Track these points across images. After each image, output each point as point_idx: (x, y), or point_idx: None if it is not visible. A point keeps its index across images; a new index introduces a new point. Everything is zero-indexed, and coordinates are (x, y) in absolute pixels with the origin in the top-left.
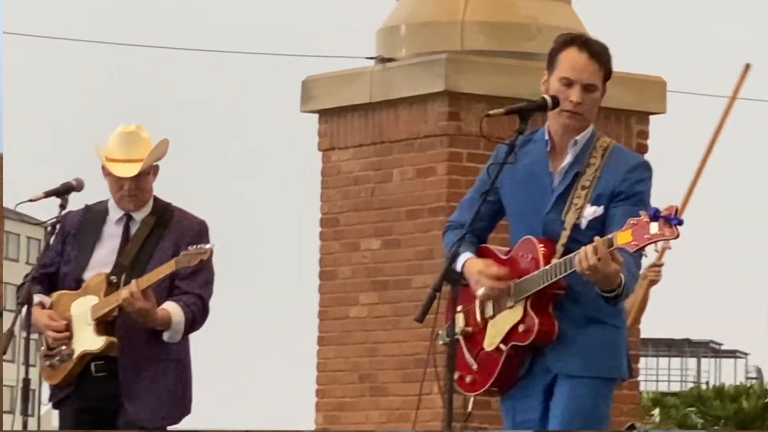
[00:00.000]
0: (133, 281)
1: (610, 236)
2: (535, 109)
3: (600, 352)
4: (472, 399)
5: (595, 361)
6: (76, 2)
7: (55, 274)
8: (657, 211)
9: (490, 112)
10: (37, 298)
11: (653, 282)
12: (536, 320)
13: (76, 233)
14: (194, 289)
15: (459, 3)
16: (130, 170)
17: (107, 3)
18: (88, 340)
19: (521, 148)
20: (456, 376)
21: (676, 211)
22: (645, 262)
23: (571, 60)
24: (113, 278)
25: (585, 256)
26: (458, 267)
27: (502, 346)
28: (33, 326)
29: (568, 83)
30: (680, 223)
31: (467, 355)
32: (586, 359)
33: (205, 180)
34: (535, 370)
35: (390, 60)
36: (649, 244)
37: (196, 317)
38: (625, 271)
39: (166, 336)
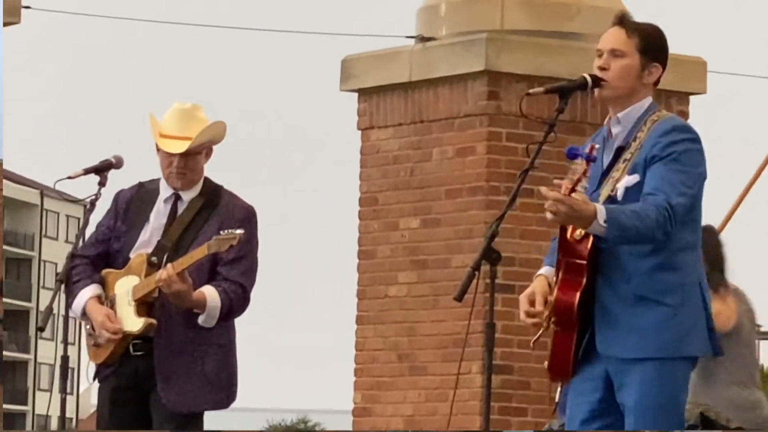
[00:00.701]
0: (170, 264)
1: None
2: (575, 88)
3: (651, 331)
4: (559, 388)
5: (647, 341)
6: None
7: (107, 252)
8: (572, 149)
9: (530, 91)
10: (89, 291)
11: None
12: (556, 290)
13: (126, 210)
14: (235, 276)
15: None
16: (179, 147)
17: None
18: (128, 321)
19: (594, 140)
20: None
21: (591, 148)
22: None
23: (606, 33)
24: (154, 259)
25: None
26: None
27: (551, 325)
28: (86, 318)
29: (599, 54)
30: (589, 158)
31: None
32: (636, 339)
33: (244, 159)
34: (590, 355)
35: (430, 39)
36: (574, 185)
37: (234, 304)
38: (618, 207)
39: (200, 319)
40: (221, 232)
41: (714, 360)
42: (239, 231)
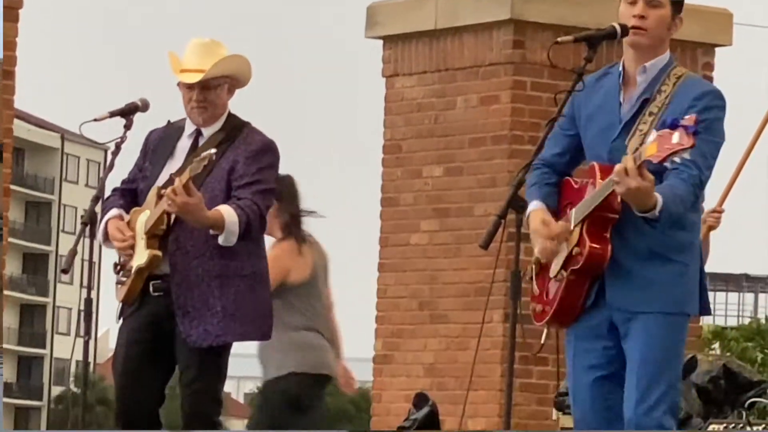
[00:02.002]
0: (176, 179)
1: (640, 149)
2: (604, 36)
3: (661, 287)
4: (545, 331)
5: (658, 296)
6: None
7: (135, 190)
8: (676, 119)
9: (559, 39)
10: (115, 212)
11: (712, 227)
12: (588, 243)
13: (154, 150)
14: (248, 195)
15: None
16: (195, 77)
17: None
18: (138, 255)
19: (597, 83)
20: (531, 306)
21: (695, 120)
22: (705, 206)
23: None
24: (164, 191)
25: (616, 170)
26: (525, 215)
27: (563, 272)
28: (108, 241)
29: (633, 1)
30: (696, 132)
31: (535, 285)
32: (645, 294)
33: (265, 104)
34: (600, 303)
35: None
36: (670, 154)
37: (251, 220)
38: (669, 195)
39: (221, 239)
40: (203, 153)
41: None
42: (213, 150)
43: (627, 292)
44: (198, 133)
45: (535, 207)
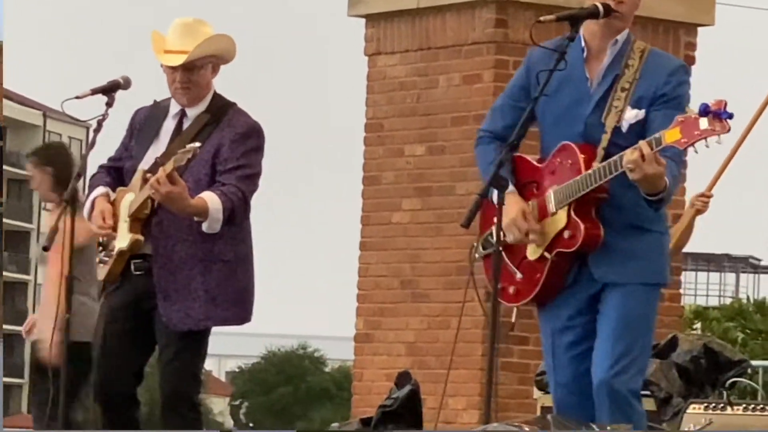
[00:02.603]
0: (160, 168)
1: (657, 135)
2: (587, 16)
3: (644, 258)
4: (515, 310)
5: (640, 268)
6: None
7: (121, 168)
8: (706, 106)
9: (542, 18)
10: (101, 189)
11: (700, 212)
12: (582, 225)
13: (140, 128)
14: (232, 180)
15: None
16: (178, 60)
17: None
18: (121, 238)
19: (551, 55)
20: (500, 286)
21: (725, 105)
22: (695, 190)
23: None
24: (149, 175)
25: (630, 158)
26: (495, 198)
27: (547, 254)
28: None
29: None
30: (730, 116)
31: (510, 265)
32: (630, 266)
33: (249, 83)
34: (581, 279)
35: None
36: (699, 139)
37: (235, 206)
38: (668, 175)
39: (204, 226)
40: (187, 146)
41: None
42: (196, 144)
43: (612, 265)
44: (183, 114)
45: (511, 190)
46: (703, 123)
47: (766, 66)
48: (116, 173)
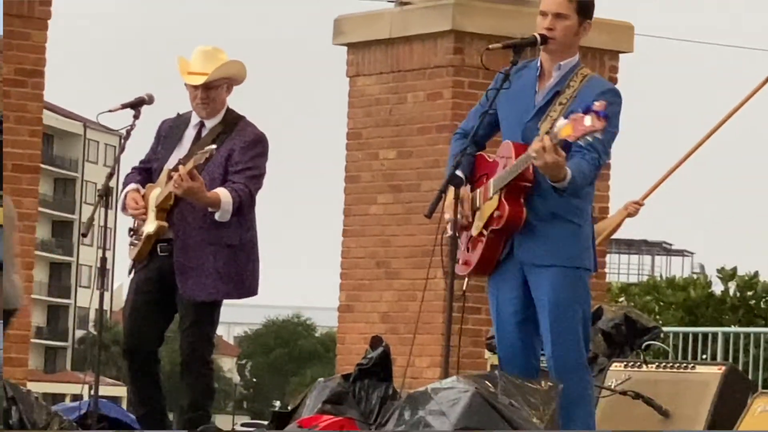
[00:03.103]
0: (181, 166)
1: (555, 129)
2: (527, 44)
3: (561, 244)
4: (466, 280)
5: (554, 251)
6: None
7: (150, 169)
8: (590, 105)
9: (490, 46)
10: (133, 185)
11: (631, 215)
12: (507, 207)
13: (165, 136)
14: (241, 179)
15: None
16: (199, 80)
17: None
18: (149, 224)
19: (517, 74)
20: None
21: (605, 106)
22: (628, 197)
23: None
24: (173, 173)
25: (534, 147)
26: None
27: (484, 231)
28: (126, 207)
29: (544, 14)
30: (606, 116)
31: (462, 243)
32: (548, 249)
33: (252, 99)
34: (512, 257)
35: (407, 3)
36: (584, 134)
37: (243, 201)
38: (576, 170)
39: (217, 215)
40: (205, 147)
41: None
42: (213, 146)
43: (533, 247)
44: (201, 125)
45: (463, 181)
46: (587, 120)
47: (680, 89)
48: (145, 173)
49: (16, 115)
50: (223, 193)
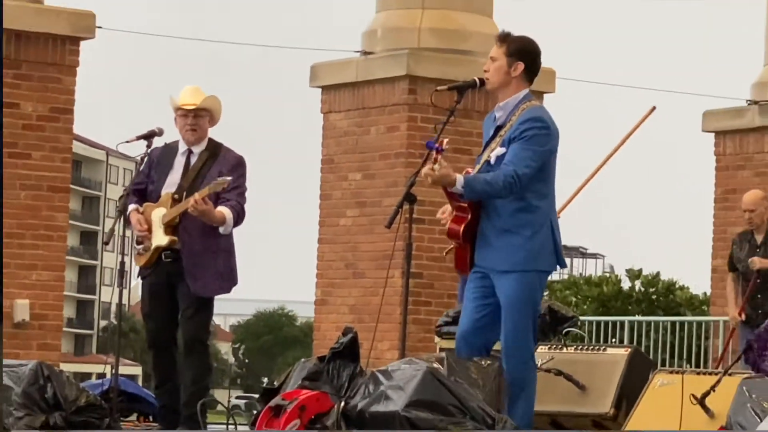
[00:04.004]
0: (196, 194)
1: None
2: (469, 86)
3: (513, 252)
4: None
5: (511, 259)
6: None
7: (144, 189)
8: (429, 142)
9: (438, 88)
10: (133, 206)
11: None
12: (449, 222)
13: (158, 162)
14: (235, 197)
15: (417, 15)
16: (192, 106)
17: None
18: (158, 238)
19: (490, 115)
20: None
21: (442, 143)
22: None
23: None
24: (176, 196)
25: (423, 171)
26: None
27: (456, 244)
28: (131, 224)
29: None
30: (440, 150)
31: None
32: (503, 257)
33: (243, 132)
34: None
35: (370, 53)
36: (432, 164)
37: (240, 215)
38: (478, 178)
39: (221, 229)
40: (218, 179)
41: None
42: (228, 178)
43: (489, 255)
44: (189, 152)
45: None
46: (433, 154)
47: (599, 127)
48: (140, 194)
49: (50, 146)
50: (226, 212)
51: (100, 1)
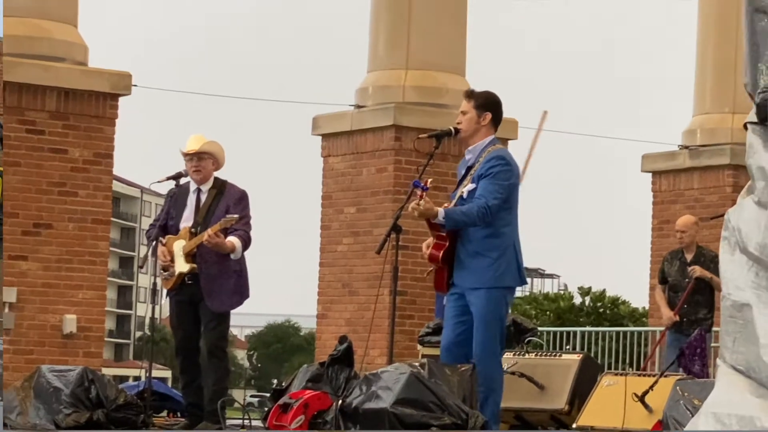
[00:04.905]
0: (209, 229)
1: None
2: (445, 134)
3: (483, 272)
4: (443, 297)
5: (481, 278)
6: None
7: (166, 224)
8: (416, 181)
9: (419, 136)
10: (159, 239)
11: None
12: (430, 249)
13: (175, 201)
14: (241, 227)
15: (402, 75)
16: (193, 150)
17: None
18: (180, 265)
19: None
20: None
21: (425, 181)
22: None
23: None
24: (193, 229)
25: (411, 206)
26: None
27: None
28: (156, 255)
29: (459, 112)
30: (423, 188)
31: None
32: (475, 277)
33: (255, 174)
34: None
35: (363, 106)
36: (417, 200)
37: (247, 243)
38: (456, 210)
39: (232, 256)
40: (227, 216)
41: None
42: (236, 215)
43: (463, 276)
44: (199, 191)
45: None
46: (418, 191)
47: (556, 168)
48: (162, 228)
49: (94, 185)
50: (235, 241)
51: (136, 63)
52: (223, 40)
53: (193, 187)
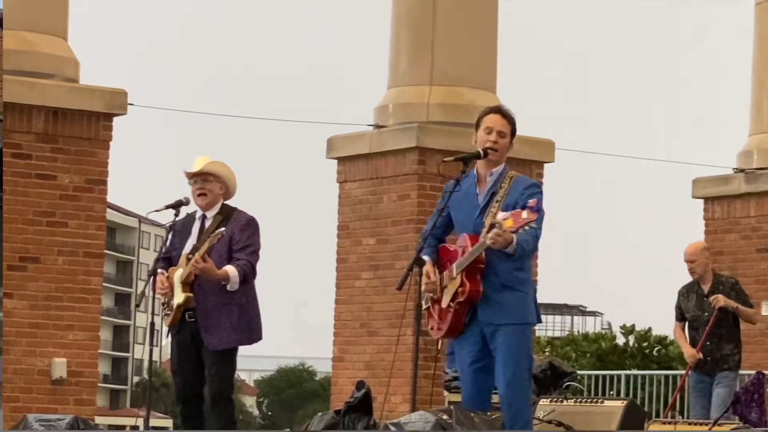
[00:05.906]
0: (197, 253)
1: (499, 220)
2: (473, 157)
3: (513, 307)
4: (439, 341)
5: (509, 313)
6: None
7: (170, 256)
8: (525, 203)
9: (445, 159)
10: (159, 271)
11: None
12: (468, 285)
13: (179, 231)
14: (244, 256)
15: (426, 91)
16: (197, 171)
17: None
18: (177, 296)
19: (458, 183)
20: (429, 326)
21: (536, 203)
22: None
23: (493, 118)
24: (190, 256)
25: (489, 236)
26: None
27: (451, 304)
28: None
29: (489, 131)
30: (537, 210)
31: (434, 312)
32: (502, 312)
33: (259, 200)
34: (475, 320)
35: (382, 126)
36: (522, 225)
37: (247, 273)
38: (521, 239)
39: (228, 286)
40: (214, 231)
41: None
42: (222, 229)
43: (491, 311)
44: (204, 217)
45: (426, 261)
46: (524, 214)
47: (592, 193)
48: (167, 261)
49: (86, 214)
50: (230, 270)
51: (132, 79)
52: (230, 55)
53: (198, 213)
